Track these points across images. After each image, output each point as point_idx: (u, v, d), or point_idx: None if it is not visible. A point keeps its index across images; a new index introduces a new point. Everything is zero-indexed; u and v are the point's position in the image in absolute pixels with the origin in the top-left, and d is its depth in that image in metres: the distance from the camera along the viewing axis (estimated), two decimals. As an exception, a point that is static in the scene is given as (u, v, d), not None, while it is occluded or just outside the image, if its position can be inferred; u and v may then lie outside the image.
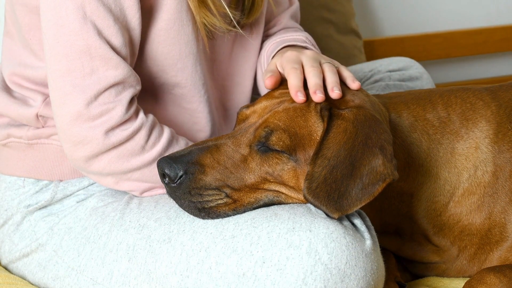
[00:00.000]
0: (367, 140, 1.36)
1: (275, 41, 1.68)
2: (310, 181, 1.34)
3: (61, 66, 1.43)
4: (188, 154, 1.40)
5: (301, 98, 1.43)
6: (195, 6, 1.51)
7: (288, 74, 1.49)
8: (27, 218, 1.56)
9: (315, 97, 1.43)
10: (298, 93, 1.44)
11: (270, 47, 1.68)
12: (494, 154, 1.52)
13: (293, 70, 1.49)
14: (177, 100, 1.60)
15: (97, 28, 1.42)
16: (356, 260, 1.32)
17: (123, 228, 1.46)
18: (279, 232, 1.34)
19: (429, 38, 2.85)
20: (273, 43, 1.68)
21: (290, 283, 1.31)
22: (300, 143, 1.39)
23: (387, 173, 1.34)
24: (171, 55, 1.54)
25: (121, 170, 1.46)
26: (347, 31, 2.58)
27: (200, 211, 1.40)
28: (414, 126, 1.51)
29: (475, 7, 2.97)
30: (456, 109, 1.54)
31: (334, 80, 1.47)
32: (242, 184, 1.40)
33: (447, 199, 1.52)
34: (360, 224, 1.39)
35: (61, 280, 1.50)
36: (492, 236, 1.52)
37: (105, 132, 1.43)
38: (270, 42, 1.70)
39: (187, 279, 1.37)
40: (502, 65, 3.04)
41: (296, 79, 1.47)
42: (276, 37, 1.71)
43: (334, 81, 1.47)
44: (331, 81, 1.47)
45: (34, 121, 1.56)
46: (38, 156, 1.57)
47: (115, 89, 1.44)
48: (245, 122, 1.47)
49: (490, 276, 1.45)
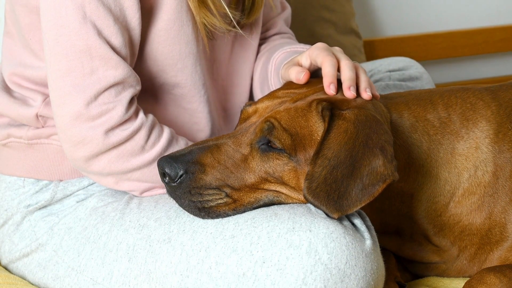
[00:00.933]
0: (368, 140, 1.36)
1: (285, 51, 1.67)
2: (310, 181, 1.34)
3: (61, 66, 1.43)
4: (188, 154, 1.40)
5: (332, 92, 1.42)
6: (195, 6, 1.51)
7: (323, 61, 1.46)
8: (27, 218, 1.56)
9: (348, 93, 1.42)
10: (331, 85, 1.43)
11: (280, 56, 1.66)
12: (494, 154, 1.52)
13: (328, 58, 1.46)
14: (177, 100, 1.60)
15: (97, 28, 1.42)
16: (356, 260, 1.32)
17: (123, 228, 1.46)
18: (279, 232, 1.34)
19: (429, 38, 2.85)
20: (283, 52, 1.66)
21: (290, 283, 1.31)
22: (301, 143, 1.39)
23: (387, 173, 1.34)
24: (171, 55, 1.54)
25: (121, 170, 1.46)
26: (347, 31, 2.58)
27: (200, 210, 1.40)
28: (415, 127, 1.51)
29: (475, 7, 2.97)
30: (457, 109, 1.54)
31: (367, 79, 1.46)
32: (242, 184, 1.40)
33: (447, 200, 1.52)
34: (360, 224, 1.39)
35: (61, 280, 1.50)
36: (492, 236, 1.52)
37: (105, 132, 1.43)
38: (278, 50, 1.68)
39: (187, 279, 1.37)
40: (502, 65, 3.04)
41: (332, 67, 1.45)
42: (282, 46, 1.70)
43: (367, 80, 1.46)
44: (364, 79, 1.46)
45: (34, 121, 1.56)
46: (38, 156, 1.57)
47: (115, 89, 1.44)
48: (246, 121, 1.47)
49: (490, 276, 1.45)
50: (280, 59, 1.65)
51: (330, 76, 1.44)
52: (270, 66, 1.67)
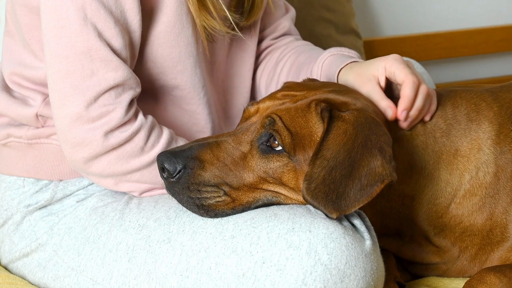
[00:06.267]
0: (367, 141, 1.36)
1: (332, 53, 1.65)
2: (309, 182, 1.34)
3: (61, 68, 1.43)
4: (188, 149, 1.40)
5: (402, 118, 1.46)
6: (195, 9, 1.51)
7: (405, 80, 1.46)
8: (27, 218, 1.56)
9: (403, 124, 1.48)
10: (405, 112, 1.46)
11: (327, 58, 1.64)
12: (496, 155, 1.52)
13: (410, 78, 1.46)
14: (177, 102, 1.60)
15: (98, 30, 1.42)
16: (355, 260, 1.32)
17: (123, 228, 1.46)
18: (278, 233, 1.34)
19: (429, 38, 2.85)
20: (330, 54, 1.65)
21: (289, 284, 1.31)
22: (301, 143, 1.39)
23: (385, 174, 1.34)
24: (171, 58, 1.54)
25: (121, 171, 1.46)
26: (347, 31, 2.58)
27: (198, 208, 1.40)
28: (422, 130, 1.51)
29: (475, 7, 2.97)
30: (462, 110, 1.54)
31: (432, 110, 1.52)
32: (241, 182, 1.40)
33: (448, 201, 1.52)
34: (359, 224, 1.39)
35: (61, 280, 1.50)
36: (493, 237, 1.52)
37: (104, 134, 1.43)
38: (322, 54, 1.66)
39: (186, 279, 1.37)
40: (502, 65, 3.04)
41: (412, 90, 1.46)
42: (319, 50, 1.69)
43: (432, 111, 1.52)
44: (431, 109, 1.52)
45: (34, 120, 1.56)
46: (38, 156, 1.57)
47: (114, 91, 1.44)
48: (247, 121, 1.47)
49: (490, 276, 1.45)
50: (328, 62, 1.64)
51: (408, 101, 1.45)
52: (317, 69, 1.66)
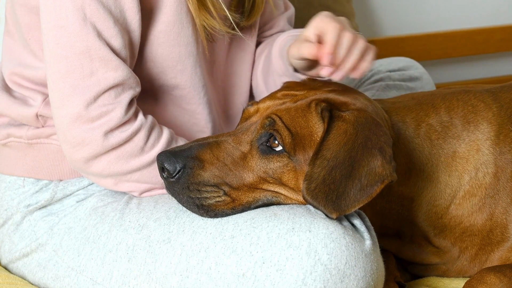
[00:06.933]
0: (367, 142, 1.36)
1: (288, 35, 1.66)
2: (309, 182, 1.34)
3: (60, 68, 1.43)
4: (188, 149, 1.40)
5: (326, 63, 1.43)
6: (195, 9, 1.51)
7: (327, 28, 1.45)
8: (27, 218, 1.56)
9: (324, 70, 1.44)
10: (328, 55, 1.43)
11: (282, 40, 1.65)
12: (495, 155, 1.52)
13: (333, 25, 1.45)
14: (177, 101, 1.60)
15: (97, 30, 1.42)
16: (355, 260, 1.32)
17: (123, 228, 1.46)
18: (278, 233, 1.34)
19: (429, 38, 2.85)
20: (286, 36, 1.66)
21: (289, 284, 1.31)
22: (301, 143, 1.39)
23: (385, 174, 1.34)
24: (170, 57, 1.54)
25: (121, 171, 1.46)
26: (347, 31, 2.58)
27: (198, 208, 1.40)
28: (417, 132, 1.51)
29: (475, 7, 2.97)
30: (458, 112, 1.54)
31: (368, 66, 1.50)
32: (241, 182, 1.40)
33: (448, 202, 1.52)
34: (359, 224, 1.39)
35: (61, 280, 1.50)
36: (493, 237, 1.52)
37: (104, 133, 1.43)
38: (279, 37, 1.67)
39: (186, 280, 1.37)
40: (502, 65, 3.04)
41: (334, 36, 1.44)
42: (283, 34, 1.70)
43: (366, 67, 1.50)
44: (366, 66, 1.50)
45: (34, 120, 1.56)
46: (38, 156, 1.57)
47: (114, 91, 1.44)
48: (247, 121, 1.47)
49: (490, 276, 1.45)
50: (284, 42, 1.64)
51: (330, 46, 1.43)
52: (274, 51, 1.66)
